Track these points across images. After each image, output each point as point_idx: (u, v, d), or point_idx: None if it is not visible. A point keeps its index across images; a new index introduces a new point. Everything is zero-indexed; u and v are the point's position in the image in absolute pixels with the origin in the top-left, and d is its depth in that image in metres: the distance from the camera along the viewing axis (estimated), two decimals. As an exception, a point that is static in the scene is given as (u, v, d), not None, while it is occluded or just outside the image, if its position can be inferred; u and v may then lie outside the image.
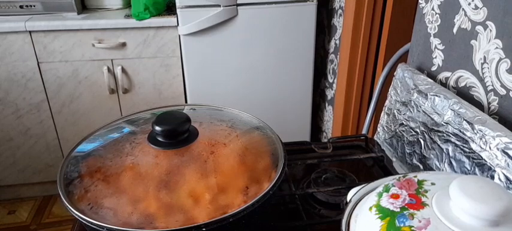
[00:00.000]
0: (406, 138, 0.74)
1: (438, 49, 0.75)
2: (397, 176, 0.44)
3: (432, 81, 0.71)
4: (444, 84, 0.74)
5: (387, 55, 1.34)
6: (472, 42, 0.65)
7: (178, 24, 1.52)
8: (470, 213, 0.34)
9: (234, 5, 1.48)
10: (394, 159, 0.78)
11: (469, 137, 0.57)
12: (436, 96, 0.66)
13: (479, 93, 0.65)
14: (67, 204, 0.47)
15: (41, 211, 1.83)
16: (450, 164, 0.61)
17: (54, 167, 1.81)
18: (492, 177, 0.53)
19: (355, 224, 0.41)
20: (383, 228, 0.36)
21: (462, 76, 0.69)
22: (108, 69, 1.63)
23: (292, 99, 1.72)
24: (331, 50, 1.68)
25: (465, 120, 0.59)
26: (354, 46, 1.44)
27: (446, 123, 0.63)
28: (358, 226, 0.40)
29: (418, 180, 0.41)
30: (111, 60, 1.63)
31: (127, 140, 0.57)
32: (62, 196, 0.48)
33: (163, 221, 0.45)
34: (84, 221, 0.45)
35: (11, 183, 1.82)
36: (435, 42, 0.76)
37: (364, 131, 0.94)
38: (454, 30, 0.70)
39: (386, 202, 0.39)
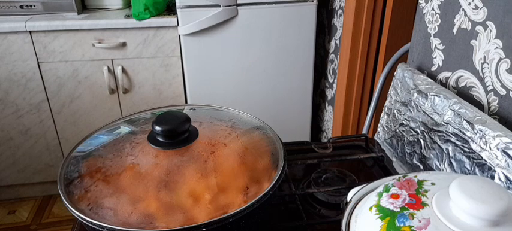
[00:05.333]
0: (406, 138, 0.74)
1: (438, 49, 0.75)
2: (397, 176, 0.44)
3: (432, 81, 0.71)
4: (444, 84, 0.74)
5: (387, 55, 1.34)
6: (472, 42, 0.65)
7: (178, 24, 1.52)
8: (470, 213, 0.34)
9: (234, 5, 1.48)
10: (394, 159, 0.78)
11: (469, 137, 0.57)
12: (436, 96, 0.66)
13: (479, 93, 0.65)
14: (67, 204, 0.47)
15: (41, 211, 1.83)
16: (450, 164, 0.61)
17: (54, 167, 1.81)
18: (492, 177, 0.53)
19: (355, 224, 0.41)
20: (383, 228, 0.36)
21: (462, 76, 0.69)
22: (108, 69, 1.63)
23: (292, 99, 1.72)
24: (331, 50, 1.68)
25: (465, 120, 0.59)
26: (354, 46, 1.44)
27: (446, 123, 0.63)
28: (358, 226, 0.40)
29: (418, 180, 0.41)
30: (111, 60, 1.63)
31: (127, 140, 0.57)
32: (62, 196, 0.48)
33: (163, 221, 0.45)
34: (84, 221, 0.45)
35: (11, 183, 1.82)
36: (435, 42, 0.76)
37: (364, 131, 0.94)
38: (454, 30, 0.70)
39: (386, 202, 0.39)
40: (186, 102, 1.72)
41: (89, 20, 1.55)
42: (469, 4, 0.65)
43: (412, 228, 0.34)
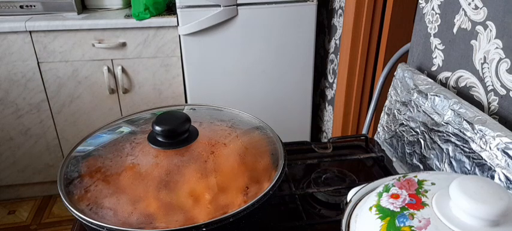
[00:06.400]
0: (406, 138, 0.74)
1: (438, 49, 0.75)
2: (397, 176, 0.44)
3: (432, 81, 0.71)
4: (444, 84, 0.74)
5: (387, 55, 1.34)
6: (472, 42, 0.65)
7: (178, 24, 1.52)
8: (470, 213, 0.34)
9: (234, 5, 1.48)
10: (394, 159, 0.78)
11: (469, 137, 0.57)
12: (436, 96, 0.66)
13: (479, 93, 0.65)
14: (67, 204, 0.47)
15: (41, 211, 1.83)
16: (450, 164, 0.61)
17: (54, 167, 1.81)
18: (492, 177, 0.53)
19: (355, 224, 0.41)
20: (383, 228, 0.36)
21: (462, 76, 0.69)
22: (108, 69, 1.63)
23: (292, 99, 1.72)
24: (331, 50, 1.68)
25: (465, 120, 0.59)
26: (354, 46, 1.44)
27: (446, 123, 0.63)
28: (358, 226, 0.40)
29: (418, 180, 0.41)
30: (111, 60, 1.63)
31: (127, 140, 0.57)
32: (62, 196, 0.48)
33: (163, 221, 0.45)
34: (84, 221, 0.45)
35: (11, 183, 1.82)
36: (435, 42, 0.76)
37: (364, 131, 0.94)
38: (454, 30, 0.70)
39: (386, 202, 0.39)
40: (186, 102, 1.72)
41: (89, 20, 1.55)
42: (469, 4, 0.65)
43: (412, 228, 0.34)
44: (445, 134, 0.63)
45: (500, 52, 0.59)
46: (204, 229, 0.43)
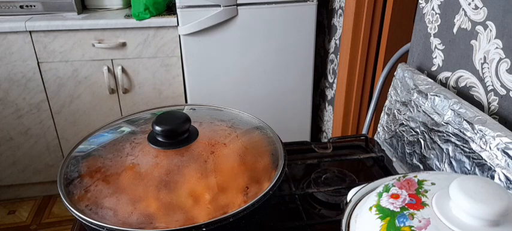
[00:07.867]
0: (406, 138, 0.74)
1: (438, 49, 0.75)
2: (397, 176, 0.44)
3: (432, 81, 0.71)
4: (444, 84, 0.74)
5: (387, 55, 1.34)
6: (472, 42, 0.65)
7: (178, 24, 1.52)
8: (470, 213, 0.34)
9: (234, 5, 1.48)
10: (394, 159, 0.78)
11: (469, 137, 0.57)
12: (436, 96, 0.66)
13: (479, 93, 0.65)
14: (67, 204, 0.47)
15: (41, 211, 1.83)
16: (450, 164, 0.61)
17: (54, 167, 1.81)
18: (492, 177, 0.53)
19: (355, 224, 0.41)
20: (383, 228, 0.36)
21: (462, 76, 0.69)
22: (108, 69, 1.63)
23: (292, 99, 1.72)
24: (331, 50, 1.68)
25: (465, 120, 0.59)
26: (354, 46, 1.44)
27: (446, 123, 0.63)
28: (358, 226, 0.40)
29: (418, 180, 0.41)
30: (111, 60, 1.63)
31: (127, 140, 0.57)
32: (62, 196, 0.48)
33: (163, 221, 0.45)
34: (84, 221, 0.45)
35: (11, 183, 1.82)
36: (435, 42, 0.76)
37: (364, 131, 0.94)
38: (454, 30, 0.70)
39: (386, 202, 0.39)
40: (186, 102, 1.72)
41: (89, 20, 1.55)
42: (469, 4, 0.65)
43: (412, 228, 0.34)
44: (445, 134, 0.63)
45: (500, 52, 0.59)
46: (204, 229, 0.43)
